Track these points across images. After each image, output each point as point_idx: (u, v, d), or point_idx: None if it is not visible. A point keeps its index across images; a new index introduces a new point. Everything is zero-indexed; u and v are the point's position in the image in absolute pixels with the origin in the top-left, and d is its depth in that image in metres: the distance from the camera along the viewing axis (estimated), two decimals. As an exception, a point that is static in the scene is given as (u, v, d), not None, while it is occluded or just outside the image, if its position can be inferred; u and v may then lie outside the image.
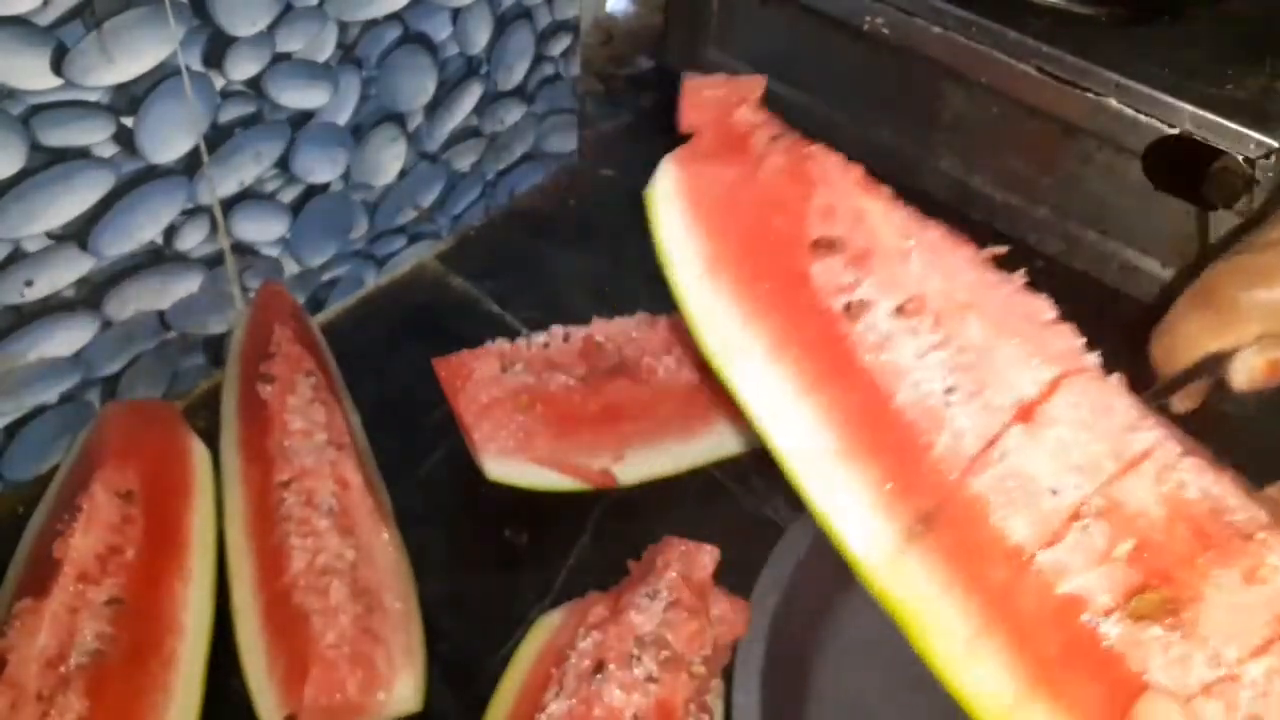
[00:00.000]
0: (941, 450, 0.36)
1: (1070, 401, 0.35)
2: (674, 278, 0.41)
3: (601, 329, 0.60)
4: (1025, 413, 0.35)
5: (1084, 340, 0.37)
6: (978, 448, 0.35)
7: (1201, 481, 0.34)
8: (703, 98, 0.43)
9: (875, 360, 0.37)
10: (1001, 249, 0.40)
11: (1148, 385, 0.44)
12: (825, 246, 0.39)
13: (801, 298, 0.39)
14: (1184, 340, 0.42)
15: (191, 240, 0.57)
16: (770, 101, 0.80)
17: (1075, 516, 0.34)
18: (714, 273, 0.40)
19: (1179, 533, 0.34)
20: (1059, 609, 0.34)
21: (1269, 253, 0.41)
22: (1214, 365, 0.42)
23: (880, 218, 0.39)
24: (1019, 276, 0.38)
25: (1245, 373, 0.41)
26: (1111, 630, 0.34)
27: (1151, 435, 0.35)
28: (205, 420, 0.58)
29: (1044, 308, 0.37)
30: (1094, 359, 0.36)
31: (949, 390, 0.36)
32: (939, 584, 0.35)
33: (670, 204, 0.42)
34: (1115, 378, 0.36)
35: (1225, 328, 0.41)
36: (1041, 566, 0.34)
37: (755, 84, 0.43)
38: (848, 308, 0.38)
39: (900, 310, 0.38)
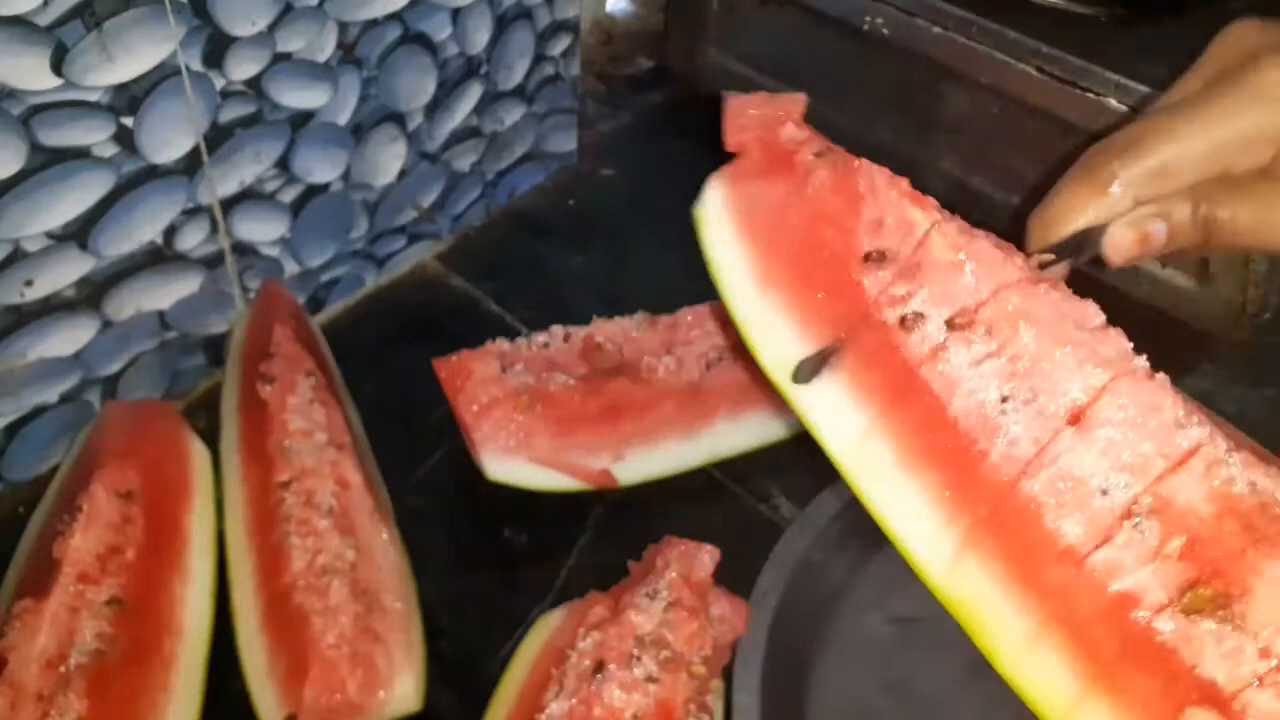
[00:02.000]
0: (996, 457, 0.37)
1: (1118, 403, 0.36)
2: (728, 293, 0.42)
3: (601, 329, 0.60)
4: (1076, 417, 0.36)
5: (1130, 344, 0.37)
6: (1031, 453, 0.36)
7: (1249, 475, 0.35)
8: (747, 117, 0.44)
9: (930, 370, 0.38)
10: (1049, 256, 0.40)
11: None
12: (876, 259, 0.40)
13: (855, 310, 0.40)
14: (1060, 213, 0.42)
15: (191, 240, 0.58)
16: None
17: (1126, 515, 0.35)
18: (767, 287, 0.41)
19: (1228, 528, 0.34)
20: (1114, 606, 0.35)
21: (1140, 123, 0.42)
22: (1088, 239, 0.42)
23: (929, 230, 0.40)
24: (1062, 283, 0.39)
25: (1117, 245, 0.42)
26: (1165, 626, 0.35)
27: (1198, 432, 0.35)
28: (205, 420, 0.58)
29: (1092, 313, 0.38)
30: (1142, 361, 0.37)
31: (1003, 399, 0.37)
32: (998, 584, 0.37)
33: (719, 222, 0.43)
34: (1162, 377, 0.37)
35: (1099, 197, 0.41)
36: (1095, 566, 0.35)
37: (797, 101, 0.44)
38: (902, 320, 0.39)
39: (953, 322, 0.39)
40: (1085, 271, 0.69)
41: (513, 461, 0.56)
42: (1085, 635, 0.36)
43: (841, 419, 0.39)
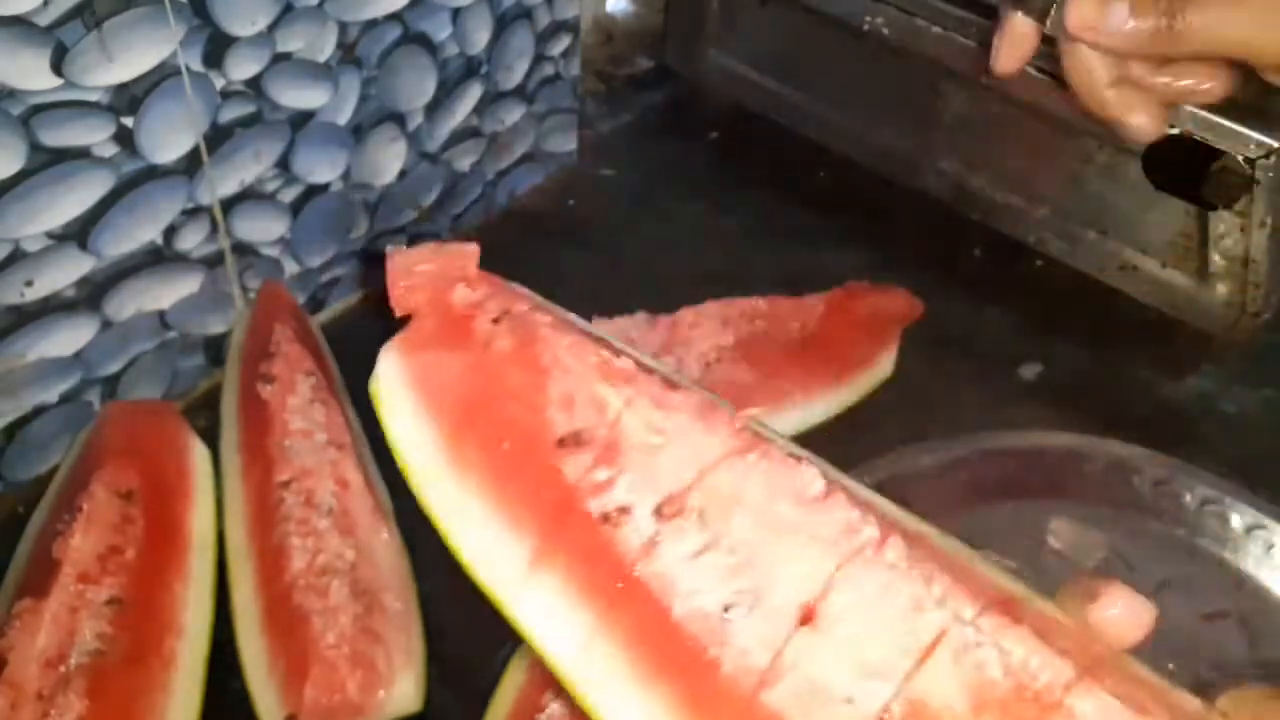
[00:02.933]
0: (730, 666, 0.32)
1: (850, 595, 0.33)
2: (414, 482, 0.37)
3: (601, 329, 0.60)
4: (808, 615, 0.33)
5: (856, 510, 0.34)
6: (767, 660, 0.32)
7: (1002, 646, 0.32)
8: (414, 275, 0.39)
9: (645, 569, 0.34)
10: (755, 411, 0.37)
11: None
12: (572, 443, 0.36)
13: (557, 500, 0.35)
14: None
15: (191, 240, 0.57)
16: (770, 101, 0.80)
17: None
18: (458, 474, 0.37)
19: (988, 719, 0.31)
20: None
21: None
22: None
23: (623, 407, 0.36)
24: (781, 444, 0.36)
25: (1075, 9, 0.41)
26: None
27: (939, 615, 0.32)
28: (205, 420, 0.58)
29: (812, 479, 0.35)
30: (870, 531, 0.34)
31: (727, 602, 0.33)
32: None
33: (398, 398, 0.38)
34: (892, 546, 0.33)
35: None
36: None
37: (468, 255, 0.40)
38: (607, 514, 0.35)
39: (661, 511, 0.34)
40: (1077, 269, 0.69)
41: (512, 461, 0.56)
42: None
43: (561, 626, 0.34)
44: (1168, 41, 0.41)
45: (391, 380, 0.38)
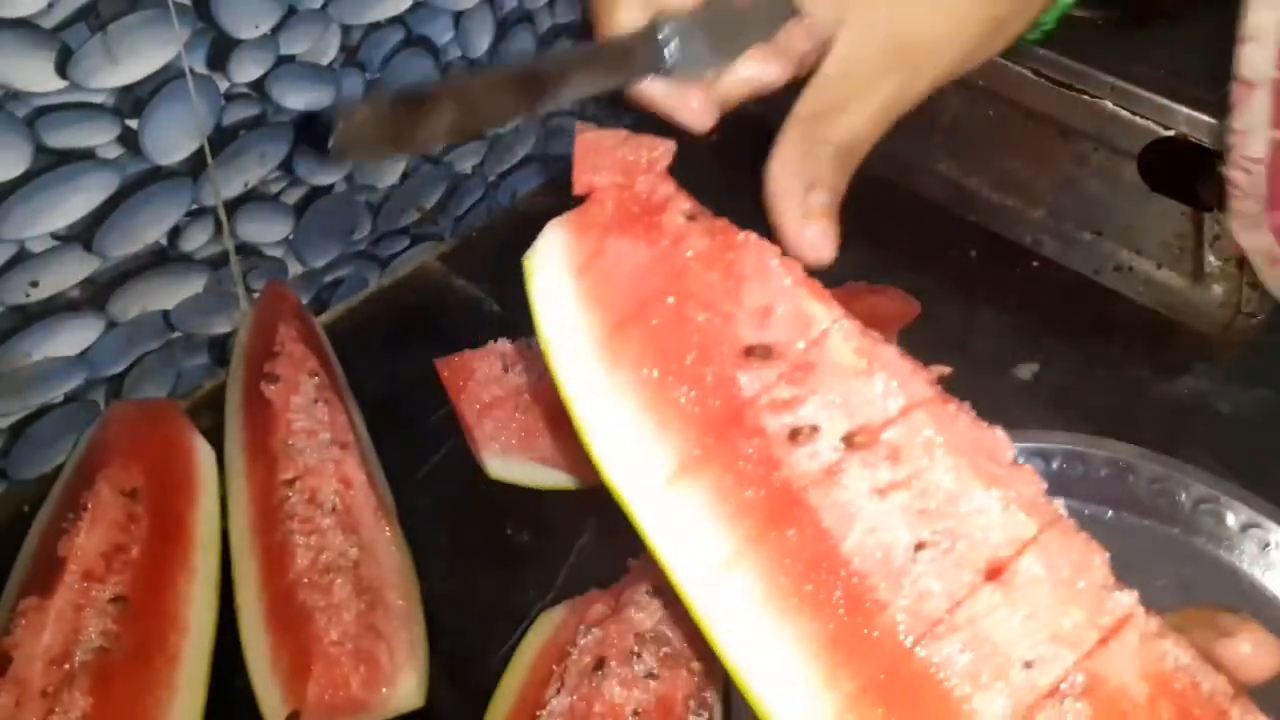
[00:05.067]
0: (899, 611, 0.30)
1: (1046, 560, 0.31)
2: (560, 367, 0.34)
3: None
4: (995, 570, 0.31)
5: (1044, 485, 0.32)
6: (942, 610, 0.30)
7: (1176, 649, 0.30)
8: (602, 157, 0.37)
9: (820, 495, 0.32)
10: (946, 370, 0.35)
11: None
12: (760, 354, 0.33)
13: (727, 410, 0.33)
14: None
15: (196, 241, 0.58)
16: (769, 102, 0.80)
17: (1053, 693, 0.29)
18: (614, 366, 0.34)
19: (1163, 713, 0.30)
20: None
21: None
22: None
23: (830, 326, 0.34)
24: (968, 408, 0.34)
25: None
26: None
27: (1131, 596, 0.31)
28: (209, 419, 0.58)
29: (1004, 445, 0.33)
30: (1059, 505, 0.32)
31: (919, 544, 0.31)
32: None
33: (558, 276, 0.35)
34: (1075, 528, 0.32)
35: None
36: None
37: (663, 149, 0.37)
38: (791, 433, 0.32)
39: (851, 440, 0.32)
40: (1073, 270, 0.70)
41: (514, 460, 0.56)
42: None
43: (698, 541, 0.32)
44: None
45: (553, 258, 0.36)
